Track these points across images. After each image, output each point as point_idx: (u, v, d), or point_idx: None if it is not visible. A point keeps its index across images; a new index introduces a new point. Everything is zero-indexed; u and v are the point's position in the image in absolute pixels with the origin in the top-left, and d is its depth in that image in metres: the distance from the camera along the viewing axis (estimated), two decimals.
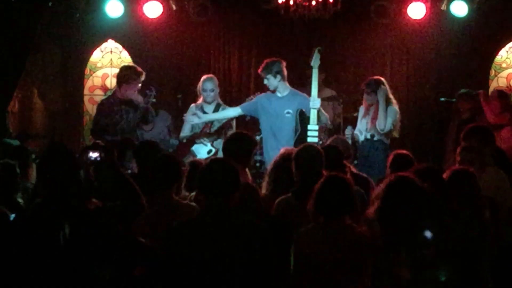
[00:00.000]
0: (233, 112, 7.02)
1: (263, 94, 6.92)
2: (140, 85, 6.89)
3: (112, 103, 6.87)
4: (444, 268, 3.38)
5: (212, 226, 3.36)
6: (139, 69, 6.97)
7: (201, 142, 7.13)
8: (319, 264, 3.74)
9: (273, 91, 6.72)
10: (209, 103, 7.15)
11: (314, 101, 6.57)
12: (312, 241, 3.80)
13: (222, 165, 3.51)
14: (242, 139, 5.16)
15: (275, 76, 6.64)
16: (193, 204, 4.36)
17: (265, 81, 6.72)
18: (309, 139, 6.37)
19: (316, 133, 6.50)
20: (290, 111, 6.63)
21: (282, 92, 6.72)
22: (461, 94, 8.00)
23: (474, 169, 4.43)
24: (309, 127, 6.55)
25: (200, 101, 7.22)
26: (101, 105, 6.97)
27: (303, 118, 6.58)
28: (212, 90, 7.10)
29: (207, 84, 7.11)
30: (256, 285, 3.32)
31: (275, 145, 6.45)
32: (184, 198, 4.64)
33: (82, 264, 3.12)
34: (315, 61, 6.70)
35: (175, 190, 4.41)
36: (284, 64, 6.68)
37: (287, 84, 6.75)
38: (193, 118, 6.91)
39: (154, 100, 6.97)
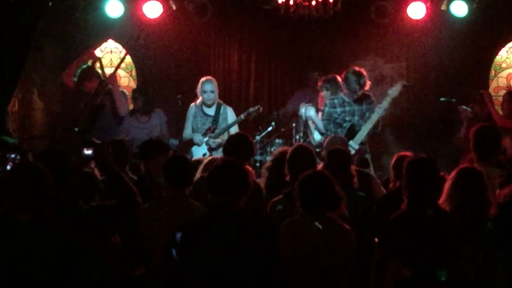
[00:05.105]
0: None
1: None
2: None
3: None
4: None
5: (218, 227, 3.35)
6: None
7: (203, 143, 7.12)
8: (302, 254, 3.72)
9: None
10: (209, 106, 7.14)
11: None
12: (296, 232, 3.78)
13: (233, 167, 3.49)
14: (244, 139, 5.17)
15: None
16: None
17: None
18: None
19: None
20: None
21: None
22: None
23: None
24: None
25: (199, 101, 7.20)
26: None
27: None
28: (212, 92, 7.09)
29: (207, 85, 7.09)
30: (257, 285, 3.31)
31: None
32: None
33: (70, 263, 3.11)
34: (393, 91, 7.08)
35: (188, 191, 4.32)
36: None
37: None
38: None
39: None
